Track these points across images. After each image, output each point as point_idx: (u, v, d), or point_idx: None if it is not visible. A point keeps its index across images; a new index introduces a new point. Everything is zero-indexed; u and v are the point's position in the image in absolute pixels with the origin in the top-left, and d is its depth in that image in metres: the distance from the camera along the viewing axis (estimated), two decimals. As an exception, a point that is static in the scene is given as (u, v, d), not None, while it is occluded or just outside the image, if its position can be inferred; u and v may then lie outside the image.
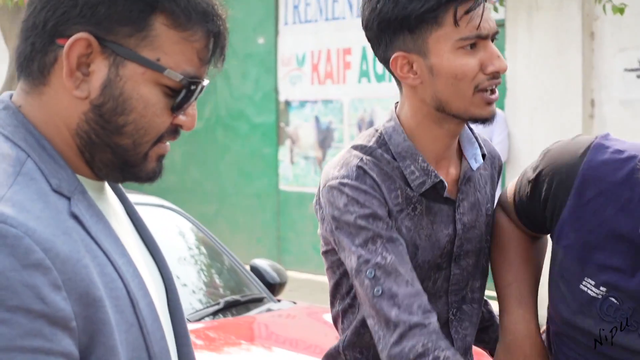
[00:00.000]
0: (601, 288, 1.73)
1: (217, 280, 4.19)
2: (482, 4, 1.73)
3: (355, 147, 1.82)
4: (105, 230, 1.17)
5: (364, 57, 7.77)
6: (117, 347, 1.12)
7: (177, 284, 4.33)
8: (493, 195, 1.98)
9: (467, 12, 1.72)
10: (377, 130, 1.85)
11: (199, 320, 3.60)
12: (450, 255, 1.86)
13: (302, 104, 8.35)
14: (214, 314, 3.68)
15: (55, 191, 1.13)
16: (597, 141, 1.76)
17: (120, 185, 1.34)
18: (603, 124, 6.32)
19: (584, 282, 1.74)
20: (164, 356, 1.21)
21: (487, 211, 1.93)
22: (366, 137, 1.84)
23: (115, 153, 1.18)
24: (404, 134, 1.82)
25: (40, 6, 1.15)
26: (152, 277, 1.29)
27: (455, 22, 1.72)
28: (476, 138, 1.92)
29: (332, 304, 1.92)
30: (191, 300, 3.80)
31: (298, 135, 8.42)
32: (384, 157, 1.81)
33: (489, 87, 1.77)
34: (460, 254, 1.88)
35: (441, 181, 1.82)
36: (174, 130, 1.21)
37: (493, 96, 1.78)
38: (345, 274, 1.84)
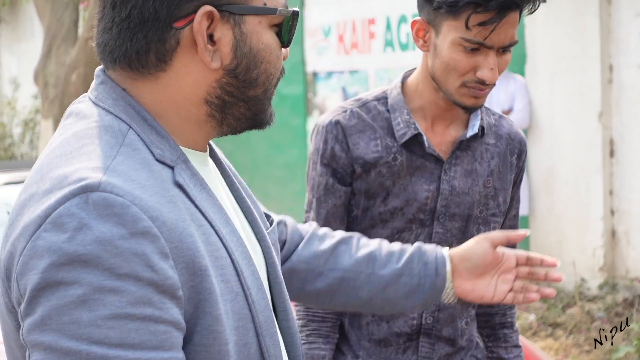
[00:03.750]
0: None
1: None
2: (497, 22, 1.80)
3: (355, 99, 2.04)
4: (209, 199, 1.16)
5: (388, 27, 7.79)
6: (222, 316, 1.10)
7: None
8: (503, 172, 2.05)
9: (480, 23, 1.82)
10: (386, 90, 2.05)
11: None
12: (434, 213, 1.97)
13: (329, 74, 8.38)
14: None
15: (159, 161, 1.12)
16: None
17: (221, 156, 1.36)
18: (621, 89, 6.29)
19: None
20: (269, 325, 1.19)
21: (486, 183, 2.02)
22: (373, 92, 2.05)
23: (249, 105, 1.21)
24: (399, 89, 2.00)
25: (142, 1, 1.14)
26: (252, 248, 1.26)
27: (467, 25, 1.83)
28: (492, 115, 2.07)
29: None
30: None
31: (326, 105, 8.43)
32: (376, 109, 2.01)
33: (475, 87, 1.88)
34: (446, 214, 1.97)
35: (420, 134, 1.95)
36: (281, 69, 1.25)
37: (479, 92, 1.89)
38: None
